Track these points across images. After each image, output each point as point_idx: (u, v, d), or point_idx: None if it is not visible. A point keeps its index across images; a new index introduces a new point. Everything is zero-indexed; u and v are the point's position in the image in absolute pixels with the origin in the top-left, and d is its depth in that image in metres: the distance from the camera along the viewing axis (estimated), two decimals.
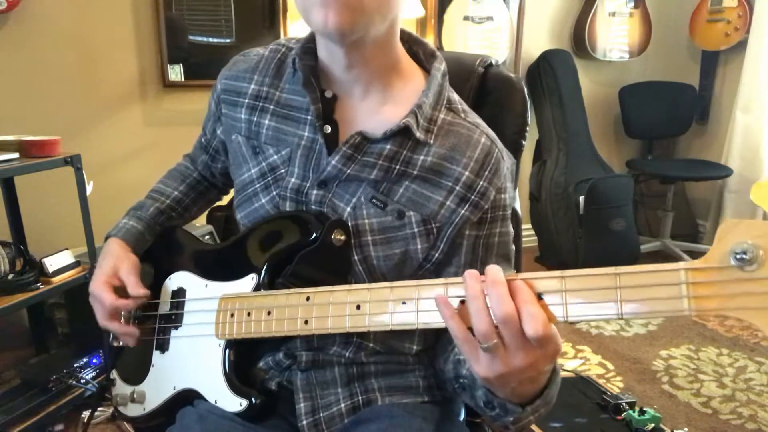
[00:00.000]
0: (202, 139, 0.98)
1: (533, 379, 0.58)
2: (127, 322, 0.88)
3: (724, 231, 0.47)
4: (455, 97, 0.83)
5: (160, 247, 0.97)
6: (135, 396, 0.89)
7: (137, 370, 0.91)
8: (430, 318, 0.61)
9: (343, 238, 0.76)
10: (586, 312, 0.53)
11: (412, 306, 0.62)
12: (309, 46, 0.81)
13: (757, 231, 0.45)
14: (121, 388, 0.93)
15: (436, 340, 0.85)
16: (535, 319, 0.52)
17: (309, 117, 0.79)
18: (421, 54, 0.84)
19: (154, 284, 0.92)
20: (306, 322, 0.70)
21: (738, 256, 0.45)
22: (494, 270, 0.55)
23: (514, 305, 0.53)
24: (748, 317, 0.46)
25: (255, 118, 0.84)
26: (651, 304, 0.49)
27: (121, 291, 0.86)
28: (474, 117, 0.82)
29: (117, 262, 0.88)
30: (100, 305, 0.86)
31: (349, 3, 0.66)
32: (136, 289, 0.85)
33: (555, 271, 0.54)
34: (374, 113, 0.79)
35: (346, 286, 0.68)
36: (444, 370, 0.79)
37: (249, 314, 0.76)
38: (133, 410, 0.90)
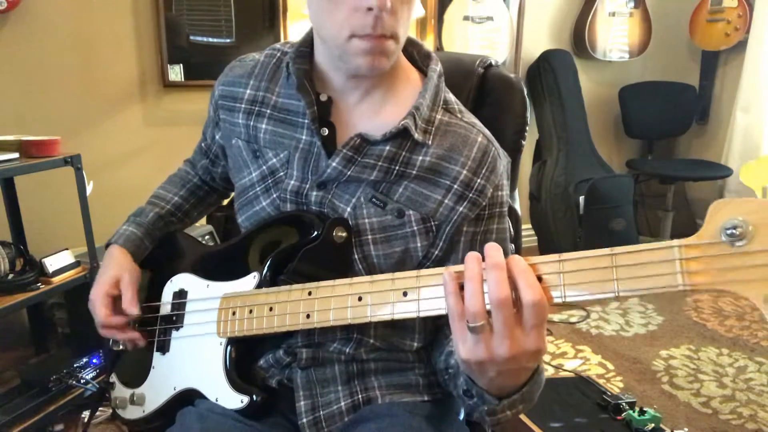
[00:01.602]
0: (203, 144, 0.99)
1: (514, 374, 0.58)
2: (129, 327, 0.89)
3: (715, 209, 0.49)
4: (451, 97, 0.84)
5: (161, 250, 0.97)
6: (134, 398, 0.90)
7: (137, 373, 0.91)
8: (431, 305, 0.62)
9: (344, 235, 0.76)
10: (584, 292, 0.54)
11: (413, 295, 0.63)
12: (303, 49, 0.81)
13: (746, 208, 0.47)
14: (120, 392, 0.93)
15: (435, 336, 0.85)
16: (534, 288, 0.52)
17: (305, 120, 0.80)
18: (416, 55, 0.85)
19: (156, 287, 0.93)
20: (308, 315, 0.70)
21: (728, 232, 0.47)
22: (495, 252, 0.55)
23: (510, 291, 0.53)
24: (739, 290, 0.48)
25: (252, 123, 0.84)
26: (646, 282, 0.51)
27: (119, 301, 0.88)
28: (470, 117, 0.83)
29: (119, 272, 0.89)
30: (95, 317, 0.88)
31: (391, 49, 0.72)
32: (131, 306, 0.86)
33: (553, 254, 0.55)
34: (371, 115, 0.80)
35: (348, 280, 0.68)
36: (437, 362, 0.81)
37: (251, 311, 0.76)
38: (132, 413, 0.91)
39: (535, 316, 0.53)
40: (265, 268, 0.79)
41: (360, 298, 0.66)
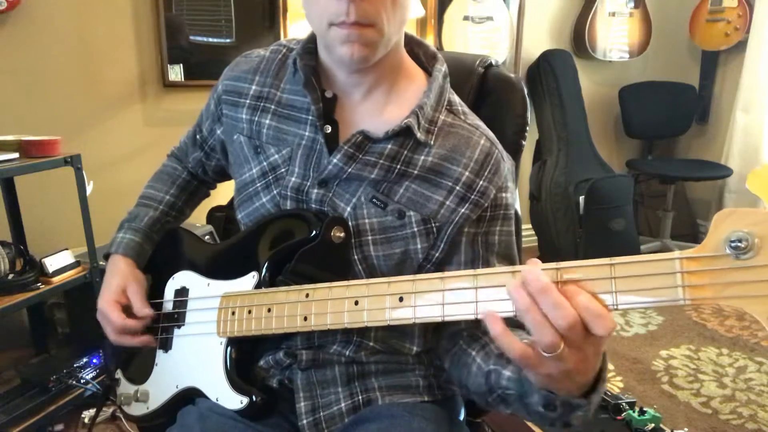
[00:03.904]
0: (197, 136, 0.97)
1: (592, 366, 0.56)
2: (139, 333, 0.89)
3: (719, 219, 0.46)
4: (455, 98, 0.84)
5: (163, 247, 0.97)
6: (138, 395, 0.90)
7: (141, 370, 0.92)
8: (427, 312, 0.61)
9: (342, 235, 0.76)
10: None
11: (408, 301, 0.62)
12: (310, 46, 0.82)
13: (752, 219, 0.45)
14: (125, 388, 0.94)
15: (439, 347, 0.85)
16: (605, 319, 0.50)
17: (310, 117, 0.80)
18: (421, 55, 0.85)
19: (158, 284, 0.93)
20: (305, 318, 0.70)
21: (733, 245, 0.45)
22: (534, 273, 0.52)
23: (573, 309, 0.50)
24: (744, 306, 0.46)
25: (256, 119, 0.84)
26: (646, 294, 0.49)
27: (128, 309, 0.88)
28: (474, 119, 0.83)
29: (124, 281, 0.89)
30: (108, 324, 0.87)
31: (371, 38, 0.70)
32: (142, 309, 0.87)
33: (551, 263, 0.53)
34: (375, 113, 0.80)
35: (345, 282, 0.68)
36: (468, 385, 0.76)
37: (249, 312, 0.76)
38: (136, 409, 0.91)
39: (586, 319, 0.50)
40: (264, 268, 0.79)
41: (356, 303, 0.66)
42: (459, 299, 0.59)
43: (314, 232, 0.76)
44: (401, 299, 0.62)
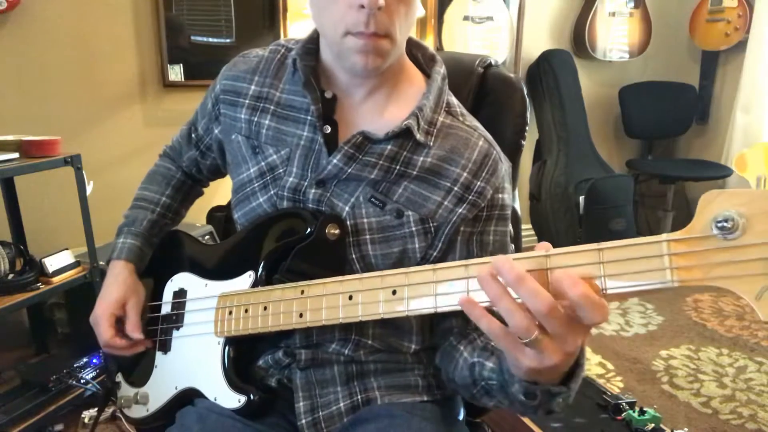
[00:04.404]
0: (192, 135, 0.97)
1: (574, 354, 0.56)
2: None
3: (705, 201, 0.46)
4: (454, 100, 0.84)
5: (162, 250, 0.97)
6: (138, 397, 0.90)
7: (141, 372, 0.92)
8: (420, 304, 0.61)
9: (337, 232, 0.76)
10: None
11: (401, 294, 0.62)
12: (309, 46, 0.82)
13: (738, 199, 0.45)
14: (125, 391, 0.94)
15: (435, 346, 0.85)
16: (603, 307, 0.49)
17: (309, 117, 0.80)
18: (420, 57, 0.85)
19: (157, 286, 0.93)
20: (301, 315, 0.71)
21: (719, 225, 0.45)
22: (508, 263, 0.51)
23: (551, 296, 0.50)
24: (731, 286, 0.45)
25: (255, 119, 0.84)
26: (634, 278, 0.49)
27: (122, 320, 0.88)
28: (472, 120, 0.83)
29: (126, 294, 0.89)
30: (98, 334, 0.88)
31: (385, 49, 0.72)
32: (134, 331, 0.86)
33: (540, 250, 0.54)
34: (374, 114, 0.80)
35: (339, 278, 0.69)
36: (455, 379, 0.76)
37: (246, 310, 0.77)
38: (137, 412, 0.91)
39: (584, 308, 0.49)
40: (260, 266, 0.79)
41: (350, 297, 0.66)
42: (451, 290, 0.59)
43: (309, 230, 0.76)
44: (394, 292, 0.63)
